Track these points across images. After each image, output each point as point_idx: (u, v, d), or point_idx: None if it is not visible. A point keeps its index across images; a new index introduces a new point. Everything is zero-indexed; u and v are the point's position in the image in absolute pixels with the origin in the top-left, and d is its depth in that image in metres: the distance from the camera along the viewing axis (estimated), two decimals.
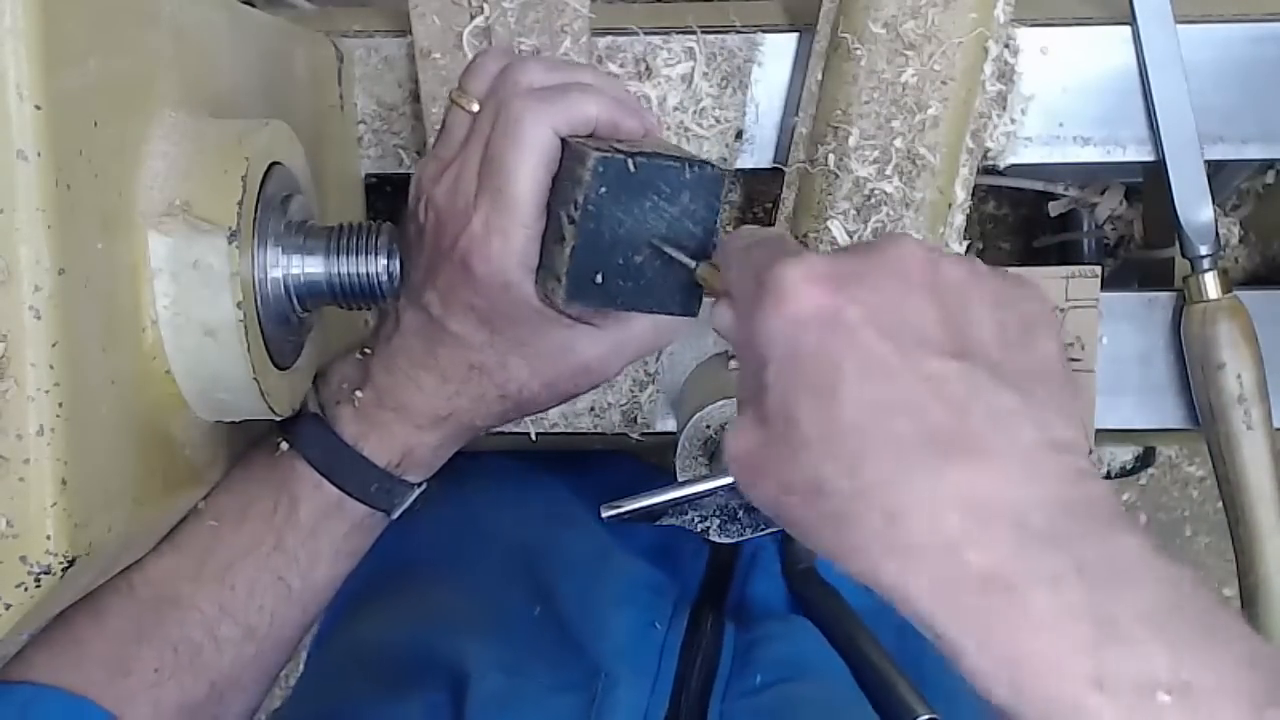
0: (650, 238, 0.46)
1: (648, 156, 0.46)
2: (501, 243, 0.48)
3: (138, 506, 0.44)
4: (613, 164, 0.45)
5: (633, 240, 0.46)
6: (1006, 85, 0.70)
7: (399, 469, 0.54)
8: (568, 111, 0.48)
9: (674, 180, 0.46)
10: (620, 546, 0.71)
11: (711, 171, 0.46)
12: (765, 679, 0.60)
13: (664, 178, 0.46)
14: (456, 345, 0.52)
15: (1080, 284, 0.71)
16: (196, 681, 0.51)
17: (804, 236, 0.68)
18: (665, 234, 0.46)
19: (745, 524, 0.60)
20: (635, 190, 0.45)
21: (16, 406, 0.38)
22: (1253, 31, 0.71)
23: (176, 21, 0.47)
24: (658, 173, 0.46)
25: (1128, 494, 1.40)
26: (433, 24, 0.68)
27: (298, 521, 0.53)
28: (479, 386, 0.53)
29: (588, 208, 0.45)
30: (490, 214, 0.48)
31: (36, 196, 0.37)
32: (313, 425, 0.54)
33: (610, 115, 0.48)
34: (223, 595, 0.52)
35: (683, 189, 0.46)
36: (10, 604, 0.39)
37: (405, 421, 0.53)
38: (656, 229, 0.46)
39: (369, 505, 0.54)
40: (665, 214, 0.46)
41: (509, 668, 0.59)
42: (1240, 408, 0.69)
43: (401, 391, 0.53)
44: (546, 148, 0.48)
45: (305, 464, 0.53)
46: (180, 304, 0.45)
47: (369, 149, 0.73)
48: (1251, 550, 0.70)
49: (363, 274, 0.51)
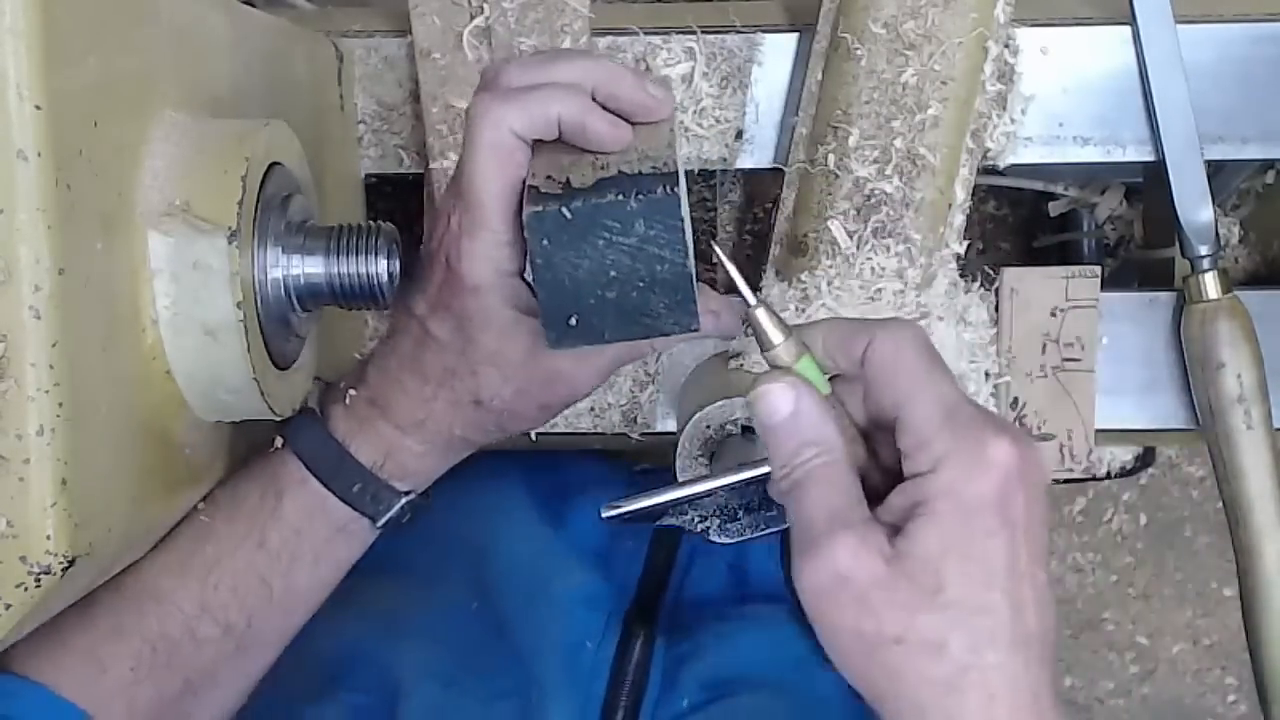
0: (615, 273, 0.44)
1: (588, 196, 0.43)
2: (470, 244, 0.48)
3: (138, 506, 0.44)
4: (547, 217, 0.43)
5: (597, 278, 0.44)
6: (1006, 85, 0.70)
7: (383, 471, 0.54)
8: (527, 112, 0.47)
9: (621, 215, 0.43)
10: (559, 551, 0.71)
11: (663, 195, 0.43)
12: (693, 701, 0.61)
13: (610, 215, 0.43)
14: (436, 348, 0.52)
15: (1080, 284, 0.71)
16: (172, 679, 0.52)
17: (804, 236, 0.68)
18: (629, 267, 0.44)
19: (745, 524, 0.60)
20: (581, 234, 0.44)
21: (16, 406, 0.38)
22: (1253, 31, 0.71)
23: (176, 21, 0.47)
24: (601, 213, 0.43)
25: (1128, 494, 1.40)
26: (433, 24, 0.68)
27: (282, 516, 0.53)
28: (454, 391, 0.53)
29: (536, 261, 0.44)
30: (461, 215, 0.48)
31: (36, 196, 0.37)
32: (306, 421, 0.54)
33: (578, 118, 0.47)
34: (205, 593, 0.52)
35: (633, 220, 0.44)
36: (10, 604, 0.39)
37: (388, 421, 0.54)
38: (620, 263, 0.44)
39: (351, 506, 0.54)
40: (624, 247, 0.44)
41: (444, 677, 0.59)
42: (1240, 408, 0.69)
43: (388, 391, 0.53)
44: (502, 150, 0.47)
45: (295, 459, 0.53)
46: (180, 304, 0.45)
47: (369, 149, 0.73)
48: (1251, 550, 0.70)
49: (363, 274, 0.51)
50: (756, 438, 0.64)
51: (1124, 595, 1.41)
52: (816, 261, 0.68)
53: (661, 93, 0.49)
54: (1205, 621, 1.41)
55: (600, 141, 0.47)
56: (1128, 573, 1.41)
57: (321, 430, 0.54)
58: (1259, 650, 0.71)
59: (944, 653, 0.39)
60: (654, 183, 0.44)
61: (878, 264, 0.67)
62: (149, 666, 0.51)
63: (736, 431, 0.63)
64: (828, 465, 0.41)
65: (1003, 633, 0.39)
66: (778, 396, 0.42)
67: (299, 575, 0.54)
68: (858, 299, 0.67)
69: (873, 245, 0.67)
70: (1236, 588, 0.72)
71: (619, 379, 0.74)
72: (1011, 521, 0.39)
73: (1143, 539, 1.41)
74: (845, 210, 0.67)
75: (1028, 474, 0.40)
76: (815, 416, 0.42)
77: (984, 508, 0.39)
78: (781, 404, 0.42)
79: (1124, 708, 1.43)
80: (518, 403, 0.53)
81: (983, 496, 0.39)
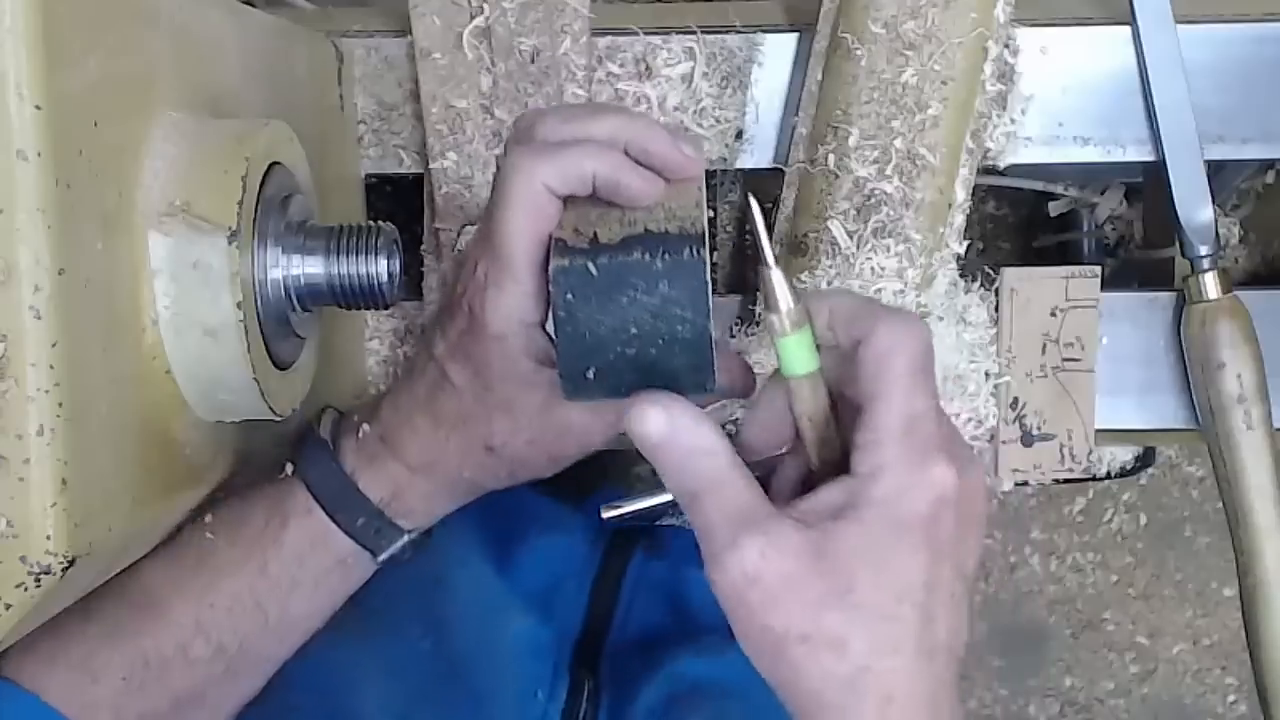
0: (635, 330, 0.44)
1: (614, 253, 0.43)
2: (495, 295, 0.48)
3: (138, 506, 0.44)
4: (573, 271, 0.43)
5: (618, 334, 0.44)
6: (1006, 85, 0.70)
7: (389, 508, 0.54)
8: (561, 168, 0.46)
9: (646, 274, 0.43)
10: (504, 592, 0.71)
11: (689, 258, 0.43)
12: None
13: (635, 273, 0.43)
14: (453, 392, 0.52)
15: (1080, 284, 0.71)
16: (161, 695, 0.51)
17: (804, 236, 0.68)
18: (651, 325, 0.44)
19: None
20: (605, 290, 0.43)
21: (16, 406, 0.38)
22: (1253, 31, 0.71)
23: (176, 21, 0.47)
24: (626, 270, 0.43)
25: (1128, 494, 1.40)
26: (433, 24, 0.68)
27: (285, 543, 0.53)
28: (466, 436, 0.52)
29: (559, 313, 0.44)
30: (489, 265, 0.48)
31: (36, 196, 0.37)
32: (316, 450, 0.54)
33: (612, 175, 0.47)
34: (201, 611, 0.52)
35: (658, 280, 0.43)
36: (10, 604, 0.39)
37: (398, 460, 0.53)
38: (641, 320, 0.44)
39: (354, 540, 0.54)
40: (646, 305, 0.44)
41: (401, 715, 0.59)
42: (1240, 408, 0.69)
43: (400, 430, 0.53)
44: (534, 204, 0.46)
45: (303, 488, 0.53)
46: (180, 304, 0.45)
47: (369, 149, 0.73)
48: (1251, 550, 0.70)
49: (363, 274, 0.51)
50: None
51: (1124, 595, 1.41)
52: (816, 261, 0.68)
53: (693, 151, 0.49)
54: (1205, 621, 1.41)
55: (632, 199, 0.47)
56: (1128, 573, 1.41)
57: (331, 461, 0.54)
58: (1259, 650, 0.71)
59: (845, 651, 0.39)
60: (680, 244, 0.44)
61: (878, 264, 0.67)
62: (140, 680, 0.50)
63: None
64: (716, 470, 0.41)
65: (908, 640, 0.40)
66: (649, 418, 0.42)
67: (296, 603, 0.54)
68: None
69: (873, 245, 0.67)
70: (1236, 588, 0.72)
71: None
72: (936, 543, 0.40)
73: (1143, 539, 1.41)
74: (845, 210, 0.67)
75: (964, 502, 0.41)
76: (690, 425, 0.42)
77: (911, 526, 0.40)
78: (653, 424, 0.42)
79: (1124, 708, 1.43)
80: (529, 452, 0.53)
81: (913, 515, 0.40)
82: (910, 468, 0.40)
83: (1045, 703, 1.44)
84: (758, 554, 0.39)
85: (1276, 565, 0.70)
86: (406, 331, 0.75)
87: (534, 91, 0.68)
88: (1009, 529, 1.40)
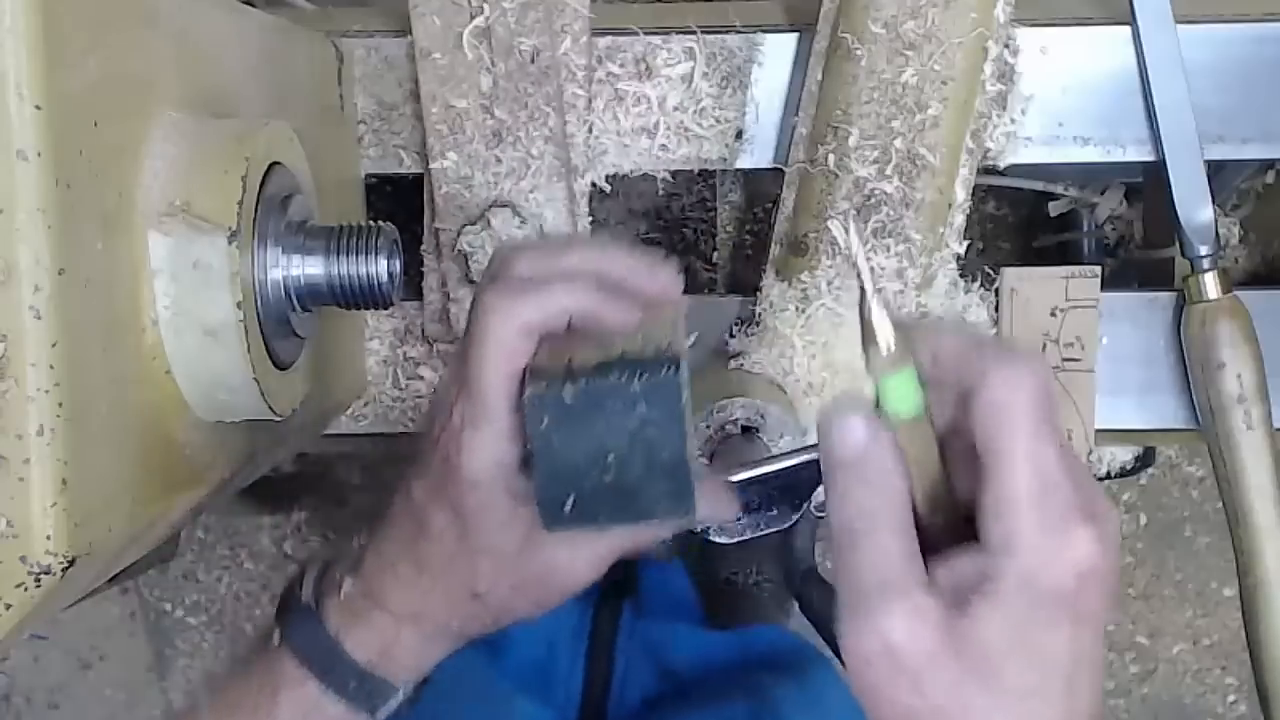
0: (613, 456, 0.43)
1: (589, 378, 0.43)
2: (471, 437, 0.47)
3: (138, 506, 0.44)
4: (548, 399, 0.43)
5: (596, 461, 0.43)
6: (1006, 85, 0.70)
7: (379, 667, 0.52)
8: (537, 308, 0.46)
9: (623, 396, 0.43)
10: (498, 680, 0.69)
11: (666, 376, 0.43)
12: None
13: (611, 396, 0.43)
14: (434, 537, 0.50)
15: (1080, 284, 0.71)
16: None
17: (804, 236, 0.68)
18: (629, 449, 0.43)
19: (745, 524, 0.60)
20: (581, 416, 0.43)
21: (16, 406, 0.38)
22: (1253, 31, 0.71)
23: (176, 21, 0.47)
24: (602, 394, 0.43)
25: (1128, 494, 1.40)
26: (433, 24, 0.67)
27: (277, 716, 0.52)
28: (451, 583, 0.51)
29: (535, 443, 0.43)
30: (465, 408, 0.47)
31: (36, 196, 0.37)
32: (301, 616, 0.53)
33: (591, 308, 0.46)
34: None
35: (635, 402, 0.43)
36: (10, 604, 0.39)
37: (384, 611, 0.52)
38: (619, 445, 0.43)
39: (348, 703, 0.52)
40: (623, 429, 0.43)
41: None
42: (1240, 408, 0.69)
43: (383, 579, 0.52)
44: (510, 345, 0.46)
45: (291, 656, 0.52)
46: (180, 304, 0.45)
47: (369, 149, 0.73)
48: (1251, 550, 0.70)
49: (363, 275, 0.51)
50: (757, 437, 0.64)
51: (1124, 595, 1.41)
52: (816, 261, 0.68)
53: (669, 278, 0.48)
54: (1205, 621, 1.41)
55: (608, 328, 0.46)
56: (1128, 573, 1.41)
57: (317, 626, 0.52)
58: (1259, 650, 0.71)
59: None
60: (657, 366, 0.43)
61: (878, 264, 0.67)
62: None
63: (736, 431, 0.63)
64: (893, 511, 0.38)
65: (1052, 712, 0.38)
66: (852, 431, 0.39)
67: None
68: (857, 299, 0.67)
69: (873, 245, 0.67)
70: (1236, 588, 0.72)
71: None
72: (1081, 617, 0.37)
73: (1143, 539, 1.40)
74: (845, 210, 0.67)
75: (1107, 569, 0.38)
76: (886, 464, 0.39)
77: (1056, 602, 0.37)
78: (853, 439, 0.39)
79: (1124, 708, 1.43)
80: (514, 598, 0.51)
81: (1057, 591, 0.37)
82: (1048, 536, 0.37)
83: None
84: (903, 629, 0.37)
85: (1276, 565, 0.70)
86: (406, 331, 0.75)
87: (534, 91, 0.68)
88: None
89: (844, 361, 0.68)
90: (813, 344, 0.68)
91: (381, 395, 0.75)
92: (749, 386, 0.66)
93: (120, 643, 1.44)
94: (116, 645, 1.45)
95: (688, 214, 1.26)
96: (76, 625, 1.44)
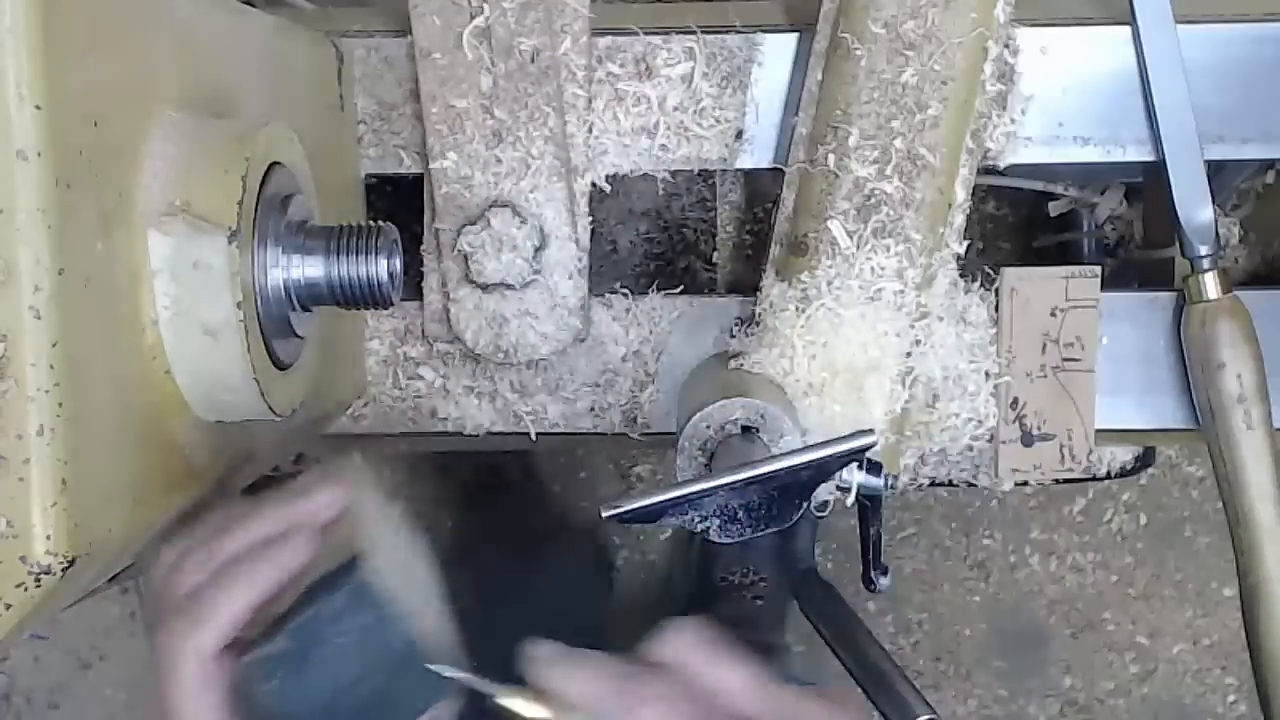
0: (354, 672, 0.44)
1: (294, 616, 0.43)
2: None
3: (138, 506, 0.44)
4: (266, 660, 0.43)
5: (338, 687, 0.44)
6: (1006, 85, 0.70)
7: None
8: (217, 626, 0.44)
9: (333, 613, 0.44)
10: None
11: (361, 575, 0.44)
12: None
13: (324, 620, 0.43)
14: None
15: (1080, 284, 0.71)
16: None
17: (804, 236, 0.68)
18: (363, 657, 0.44)
19: (745, 524, 0.60)
20: (303, 655, 0.43)
21: (16, 406, 0.38)
22: (1253, 31, 0.71)
23: (176, 21, 0.47)
24: (315, 624, 0.43)
25: (1128, 494, 1.40)
26: (433, 24, 0.67)
27: None
28: None
29: (273, 709, 0.43)
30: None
31: (36, 196, 0.37)
32: None
33: (266, 583, 0.45)
34: None
35: (345, 613, 0.44)
36: (10, 604, 0.39)
37: None
38: (350, 662, 0.44)
39: None
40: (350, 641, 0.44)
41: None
42: (1240, 408, 0.69)
43: None
44: (204, 677, 0.44)
45: None
46: (180, 304, 0.45)
47: (369, 149, 0.73)
48: (1251, 550, 0.70)
49: (362, 274, 0.51)
50: (756, 437, 0.64)
51: (1124, 595, 1.41)
52: (816, 261, 0.68)
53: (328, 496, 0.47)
54: (1205, 621, 1.41)
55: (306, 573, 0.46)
56: (1128, 573, 1.41)
57: None
58: (1259, 650, 0.71)
59: None
60: (349, 570, 0.44)
61: (878, 264, 0.67)
62: None
63: (736, 431, 0.63)
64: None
65: None
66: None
67: None
68: (857, 299, 0.67)
69: (873, 245, 0.67)
70: (1236, 588, 0.72)
71: (619, 379, 0.74)
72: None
73: (1143, 539, 1.40)
74: (845, 210, 0.67)
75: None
76: None
77: None
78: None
79: (1124, 708, 1.43)
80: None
81: None
82: None
83: (1045, 703, 1.44)
84: None
85: (1276, 565, 0.70)
86: (406, 331, 0.75)
87: (534, 91, 0.68)
88: (1009, 529, 1.40)
89: (844, 361, 0.68)
90: (813, 344, 0.68)
91: (381, 395, 0.75)
92: (749, 386, 0.66)
93: (120, 643, 1.44)
94: (116, 645, 1.45)
95: (687, 214, 1.27)
96: (76, 625, 1.44)
